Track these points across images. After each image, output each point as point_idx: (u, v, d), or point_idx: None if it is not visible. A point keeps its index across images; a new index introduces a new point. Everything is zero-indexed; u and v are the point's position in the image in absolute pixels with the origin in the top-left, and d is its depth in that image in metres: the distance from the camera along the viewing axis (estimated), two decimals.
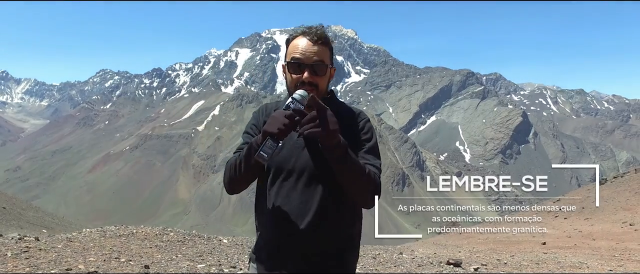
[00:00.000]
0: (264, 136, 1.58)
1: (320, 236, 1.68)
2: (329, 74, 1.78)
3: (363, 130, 1.78)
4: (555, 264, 8.11)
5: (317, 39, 1.73)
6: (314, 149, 1.70)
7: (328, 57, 1.76)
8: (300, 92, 1.65)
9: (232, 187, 1.79)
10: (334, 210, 1.70)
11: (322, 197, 1.68)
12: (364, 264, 5.43)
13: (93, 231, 6.38)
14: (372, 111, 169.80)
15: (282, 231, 1.69)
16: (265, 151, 1.58)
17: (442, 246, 11.60)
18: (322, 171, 1.69)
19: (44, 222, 16.33)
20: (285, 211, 1.70)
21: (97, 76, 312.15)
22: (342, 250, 1.73)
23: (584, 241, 12.45)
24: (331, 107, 1.68)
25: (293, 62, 1.72)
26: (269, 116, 1.64)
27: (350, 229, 1.77)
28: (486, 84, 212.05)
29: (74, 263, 4.33)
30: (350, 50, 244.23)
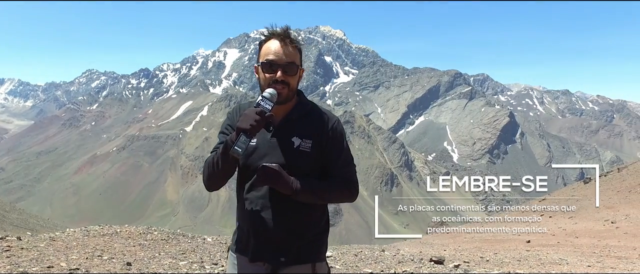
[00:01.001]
0: (237, 132, 1.72)
1: (289, 228, 1.82)
2: (299, 74, 1.91)
3: (334, 136, 1.91)
4: (536, 261, 8.27)
5: (289, 42, 1.88)
6: (286, 147, 1.85)
7: (298, 59, 1.91)
8: (269, 90, 1.81)
9: (210, 184, 1.91)
10: (301, 204, 1.83)
11: (285, 195, 1.81)
12: (345, 261, 5.50)
13: (77, 231, 6.36)
14: (361, 111, 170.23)
15: (255, 222, 1.84)
16: (239, 146, 1.71)
17: (428, 244, 11.73)
18: (292, 167, 1.82)
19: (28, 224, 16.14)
20: (257, 204, 1.85)
21: (83, 76, 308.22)
22: (311, 240, 1.86)
23: (567, 239, 12.67)
24: (300, 106, 1.94)
25: (267, 62, 1.86)
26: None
27: (318, 220, 1.91)
28: (474, 84, 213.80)
29: (56, 261, 4.33)
30: (338, 51, 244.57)
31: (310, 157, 1.85)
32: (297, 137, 1.86)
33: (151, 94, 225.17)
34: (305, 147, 1.85)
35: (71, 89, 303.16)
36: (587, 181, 21.38)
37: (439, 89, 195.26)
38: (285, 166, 1.82)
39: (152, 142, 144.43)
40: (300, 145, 1.85)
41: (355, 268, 4.99)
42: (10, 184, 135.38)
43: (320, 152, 1.88)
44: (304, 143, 1.86)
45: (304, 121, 1.90)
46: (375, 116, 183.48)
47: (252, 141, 1.87)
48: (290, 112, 1.92)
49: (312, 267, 1.86)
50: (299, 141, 1.86)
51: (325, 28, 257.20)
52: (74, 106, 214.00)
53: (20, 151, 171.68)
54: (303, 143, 1.85)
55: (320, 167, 1.89)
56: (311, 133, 1.87)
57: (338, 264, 5.22)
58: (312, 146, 1.86)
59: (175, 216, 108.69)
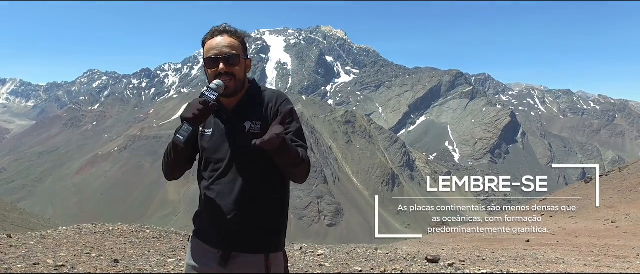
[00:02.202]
0: (181, 121, 1.80)
1: (245, 217, 1.87)
2: (244, 65, 1.96)
3: (285, 114, 1.90)
4: (533, 260, 8.21)
5: (229, 34, 1.94)
6: (238, 133, 1.91)
7: (241, 50, 1.95)
8: (216, 81, 1.87)
9: (167, 173, 2.03)
10: (260, 193, 1.89)
11: (248, 180, 1.88)
12: (336, 259, 5.45)
13: (68, 229, 6.32)
14: (362, 111, 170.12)
15: (212, 211, 1.90)
16: (181, 134, 1.76)
17: (427, 244, 11.68)
18: (248, 156, 1.88)
19: (29, 224, 16.11)
20: (215, 194, 1.90)
21: (85, 76, 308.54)
22: (266, 231, 1.91)
23: (567, 239, 12.60)
24: (251, 93, 1.99)
25: (210, 57, 1.91)
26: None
27: (276, 209, 1.94)
28: (475, 84, 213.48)
29: (43, 258, 4.29)
30: (339, 51, 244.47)
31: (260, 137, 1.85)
32: (248, 121, 1.91)
33: (152, 94, 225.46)
34: (255, 129, 1.89)
35: (73, 89, 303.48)
36: (588, 180, 21.29)
37: (440, 88, 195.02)
38: (238, 151, 1.88)
39: (154, 142, 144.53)
40: (251, 128, 1.90)
41: (345, 266, 4.94)
42: (12, 184, 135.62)
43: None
44: (254, 125, 1.90)
45: (253, 105, 1.95)
46: (376, 116, 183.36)
47: (208, 130, 1.94)
48: (241, 99, 1.97)
49: (265, 257, 1.88)
50: (250, 124, 1.90)
51: (326, 28, 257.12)
52: (76, 106, 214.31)
53: (22, 151, 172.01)
54: (253, 126, 1.90)
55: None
56: (259, 115, 1.92)
57: (328, 262, 5.18)
58: (261, 128, 1.89)
59: (176, 216, 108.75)
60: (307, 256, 5.65)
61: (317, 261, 5.23)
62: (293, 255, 5.72)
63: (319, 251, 6.03)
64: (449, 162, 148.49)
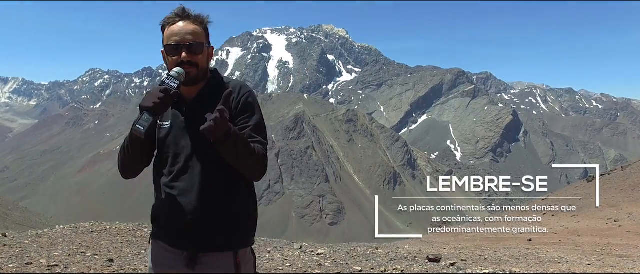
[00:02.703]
0: (141, 111, 1.67)
1: (210, 215, 1.76)
2: (206, 53, 1.85)
3: (245, 107, 1.82)
4: (535, 259, 8.12)
5: (191, 20, 1.82)
6: (199, 124, 1.72)
7: (204, 37, 1.84)
8: (176, 69, 1.75)
9: (124, 171, 1.88)
10: (224, 188, 1.77)
11: (211, 175, 1.76)
12: (336, 259, 5.37)
13: (65, 228, 6.26)
14: (364, 110, 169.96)
15: (174, 209, 1.77)
16: (141, 124, 1.65)
17: (429, 243, 11.60)
18: (210, 149, 1.73)
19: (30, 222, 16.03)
20: (176, 191, 1.77)
21: (87, 75, 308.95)
22: (233, 228, 1.80)
23: (569, 238, 12.52)
24: (212, 83, 1.86)
25: (171, 44, 1.79)
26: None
27: (242, 204, 1.83)
28: (477, 83, 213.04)
29: (37, 258, 4.22)
30: (341, 50, 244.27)
31: None
32: (210, 113, 1.70)
33: None
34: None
35: (75, 88, 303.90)
36: (590, 179, 21.19)
37: (442, 87, 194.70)
38: (199, 144, 1.76)
39: None
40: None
41: (345, 266, 4.86)
42: (14, 183, 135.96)
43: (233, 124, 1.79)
44: None
45: (214, 96, 1.78)
46: (378, 115, 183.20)
47: (166, 122, 1.82)
48: (202, 89, 1.85)
49: (234, 255, 1.79)
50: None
51: (328, 27, 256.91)
52: (78, 105, 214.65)
53: (24, 150, 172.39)
54: None
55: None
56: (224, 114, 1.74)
57: (328, 261, 5.10)
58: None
59: None
60: (306, 255, 5.56)
61: (316, 260, 5.15)
62: (292, 255, 5.64)
63: (318, 250, 5.95)
64: (450, 161, 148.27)
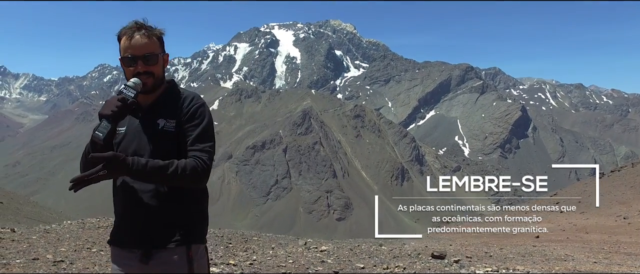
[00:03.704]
0: (100, 118, 1.78)
1: (163, 212, 1.86)
2: (162, 62, 1.96)
3: (193, 115, 1.93)
4: (541, 256, 8.07)
5: (145, 33, 1.92)
6: (151, 130, 1.90)
7: (158, 47, 1.95)
8: (134, 79, 1.88)
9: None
10: (169, 190, 1.87)
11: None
12: (339, 255, 5.38)
13: (72, 223, 6.32)
14: (371, 106, 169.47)
15: (125, 210, 1.91)
16: (100, 131, 1.76)
17: (435, 240, 11.59)
18: (158, 149, 1.88)
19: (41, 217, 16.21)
20: (129, 192, 1.89)
21: (96, 70, 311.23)
22: (182, 224, 1.90)
23: (577, 235, 12.43)
24: (168, 92, 1.99)
25: (127, 57, 1.90)
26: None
27: (191, 201, 1.93)
28: (485, 78, 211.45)
29: (43, 253, 4.28)
30: (349, 45, 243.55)
31: (173, 136, 1.89)
32: (162, 118, 1.91)
33: None
34: (169, 127, 1.89)
35: (84, 84, 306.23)
36: (600, 176, 21.02)
37: (450, 83, 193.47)
38: (150, 149, 1.87)
39: None
40: (165, 126, 1.90)
41: (347, 263, 4.87)
42: (26, 178, 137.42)
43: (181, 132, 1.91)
44: (168, 123, 1.90)
45: (169, 104, 1.95)
46: (386, 110, 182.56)
47: (121, 128, 1.93)
48: (158, 98, 1.97)
49: (186, 249, 1.88)
50: (164, 121, 1.90)
51: (335, 22, 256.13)
52: (87, 101, 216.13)
53: (35, 145, 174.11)
54: (167, 123, 1.90)
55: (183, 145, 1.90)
56: (175, 114, 1.92)
57: (331, 258, 5.10)
58: (176, 125, 1.90)
59: None
60: (310, 252, 5.58)
61: (319, 257, 5.16)
62: (296, 251, 5.66)
63: (322, 247, 5.96)
64: (458, 157, 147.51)
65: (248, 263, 4.81)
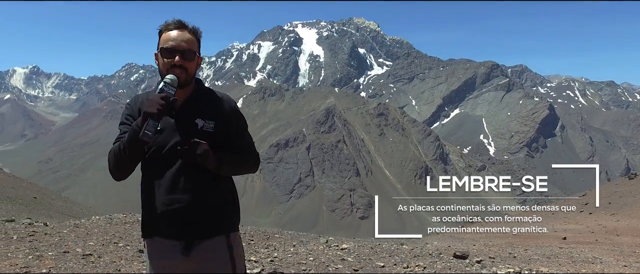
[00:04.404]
0: (145, 118, 1.83)
1: (201, 206, 1.94)
2: (196, 61, 2.04)
3: (236, 116, 2.09)
4: (567, 258, 7.88)
5: (186, 30, 2.01)
6: (189, 129, 1.96)
7: (196, 46, 2.03)
8: (169, 76, 1.93)
9: (119, 173, 2.02)
10: (206, 183, 1.95)
11: (195, 173, 1.93)
12: (359, 254, 5.39)
13: (101, 218, 6.53)
14: (395, 104, 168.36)
15: (165, 202, 1.93)
16: (148, 130, 1.80)
17: (458, 239, 11.45)
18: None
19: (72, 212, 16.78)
20: (166, 188, 1.94)
21: (123, 69, 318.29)
22: (221, 213, 2.00)
23: (607, 237, 12.07)
24: (200, 91, 2.07)
25: (167, 48, 1.97)
26: (143, 105, 1.94)
27: (223, 195, 2.03)
28: (511, 76, 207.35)
29: (73, 247, 4.45)
30: (372, 43, 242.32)
31: (213, 137, 1.96)
32: (200, 118, 1.98)
33: None
34: (208, 127, 1.97)
35: (112, 83, 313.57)
36: (632, 176, 20.35)
37: (475, 81, 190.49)
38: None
39: None
40: (204, 126, 1.97)
41: (367, 261, 4.88)
42: (57, 174, 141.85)
43: (224, 132, 2.01)
44: (207, 124, 1.98)
45: (204, 103, 2.03)
46: (409, 109, 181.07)
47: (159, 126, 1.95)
48: (190, 96, 2.04)
49: (226, 238, 1.98)
50: (203, 122, 1.98)
51: (359, 20, 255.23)
52: (115, 99, 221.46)
53: (66, 142, 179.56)
54: (206, 124, 1.98)
55: (222, 146, 2.00)
56: (213, 114, 2.00)
57: (351, 256, 5.13)
58: (216, 126, 1.99)
59: None
60: (330, 249, 5.62)
61: (339, 255, 5.19)
62: (317, 249, 5.70)
63: (343, 245, 5.99)
64: (483, 156, 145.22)
65: (269, 259, 4.89)
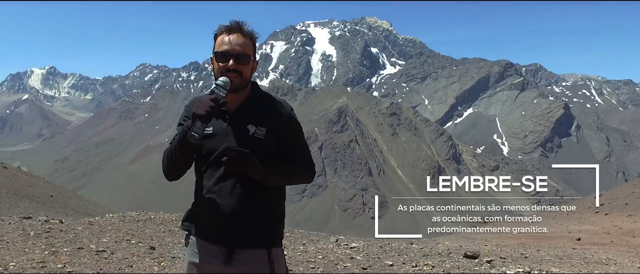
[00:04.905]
0: (193, 118, 1.83)
1: (248, 214, 1.92)
2: (251, 65, 2.01)
3: (291, 123, 2.04)
4: (580, 260, 7.80)
5: (242, 34, 1.99)
6: (241, 134, 1.94)
7: (251, 51, 2.01)
8: (222, 78, 1.91)
9: (171, 174, 2.03)
10: (259, 191, 1.93)
11: (244, 181, 1.91)
12: (368, 253, 5.41)
13: (114, 216, 6.66)
14: (408, 103, 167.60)
15: (213, 207, 1.93)
16: (195, 131, 1.80)
17: (470, 239, 11.39)
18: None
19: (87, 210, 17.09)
20: (215, 192, 1.94)
21: (137, 70, 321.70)
22: (266, 225, 1.97)
23: (623, 238, 11.89)
24: (255, 96, 2.04)
25: (221, 52, 1.96)
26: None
27: (270, 207, 1.99)
28: (526, 75, 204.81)
29: (87, 243, 4.55)
30: (385, 42, 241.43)
31: (264, 144, 1.94)
32: (252, 124, 1.95)
33: (201, 87, 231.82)
34: (260, 134, 1.94)
35: (126, 83, 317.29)
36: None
37: (488, 80, 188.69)
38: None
39: None
40: (255, 132, 1.94)
41: (376, 260, 4.90)
42: (73, 173, 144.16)
43: (276, 139, 1.98)
44: (259, 130, 1.95)
45: (257, 109, 2.00)
46: (422, 108, 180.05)
47: (209, 128, 1.94)
48: (244, 101, 2.01)
49: (267, 252, 1.95)
50: (254, 128, 1.95)
51: (371, 19, 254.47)
52: (129, 99, 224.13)
53: (81, 142, 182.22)
54: (258, 130, 1.95)
55: (274, 153, 1.98)
56: (266, 121, 1.97)
57: (360, 255, 5.16)
58: (267, 133, 1.96)
59: None
60: (340, 248, 5.65)
61: (348, 253, 5.22)
62: (327, 247, 5.74)
63: (352, 243, 6.01)
64: (497, 156, 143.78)
65: None
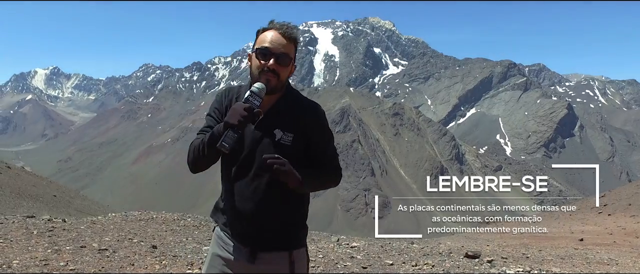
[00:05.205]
0: (225, 128, 1.80)
1: (270, 218, 1.92)
2: (290, 68, 1.96)
3: (320, 129, 2.00)
4: (582, 259, 7.79)
5: (287, 35, 1.93)
6: (267, 139, 1.92)
7: (293, 53, 1.95)
8: (257, 85, 1.87)
9: (195, 168, 2.01)
10: (282, 195, 1.92)
11: (271, 184, 1.89)
12: (369, 252, 5.43)
13: (116, 215, 6.70)
14: (410, 103, 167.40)
15: (239, 208, 1.93)
16: (226, 141, 1.77)
17: (472, 239, 11.39)
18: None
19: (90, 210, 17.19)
20: (239, 194, 1.93)
21: (140, 70, 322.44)
22: (289, 228, 1.97)
23: (626, 239, 11.86)
24: (288, 100, 1.98)
25: (262, 48, 1.91)
26: (231, 103, 1.98)
27: (298, 208, 2.00)
28: (529, 75, 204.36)
29: (90, 242, 4.59)
30: (387, 42, 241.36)
31: (289, 150, 1.90)
32: (279, 130, 1.92)
33: (203, 87, 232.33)
34: (286, 140, 1.91)
35: (129, 83, 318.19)
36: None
37: (491, 80, 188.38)
38: (267, 153, 1.88)
39: None
40: (281, 138, 1.91)
41: (376, 259, 4.92)
42: (76, 173, 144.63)
43: (304, 145, 1.95)
44: (285, 136, 1.92)
45: (288, 114, 1.95)
46: (425, 108, 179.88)
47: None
48: (276, 104, 1.97)
49: (289, 255, 1.96)
50: (281, 134, 1.92)
51: (374, 19, 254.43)
52: (132, 99, 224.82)
53: (84, 142, 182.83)
54: (284, 136, 1.91)
55: (300, 159, 1.94)
56: (294, 127, 1.94)
57: (360, 254, 5.18)
58: (294, 140, 1.93)
59: None
60: (341, 247, 5.67)
61: (349, 253, 5.25)
62: (327, 246, 5.76)
63: (353, 243, 6.04)
64: (500, 156, 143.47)
65: None
